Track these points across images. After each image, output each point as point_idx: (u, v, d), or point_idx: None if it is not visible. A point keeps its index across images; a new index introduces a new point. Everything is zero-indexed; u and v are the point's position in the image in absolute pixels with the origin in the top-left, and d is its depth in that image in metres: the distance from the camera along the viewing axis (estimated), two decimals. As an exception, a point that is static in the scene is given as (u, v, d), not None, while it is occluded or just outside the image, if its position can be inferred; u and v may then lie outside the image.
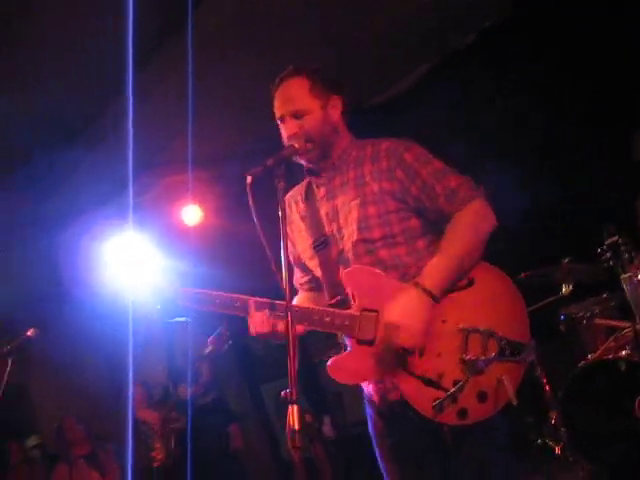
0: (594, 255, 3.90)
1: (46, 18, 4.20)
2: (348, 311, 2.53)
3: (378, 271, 2.52)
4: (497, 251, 2.56)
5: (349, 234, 2.60)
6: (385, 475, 2.68)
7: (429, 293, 2.40)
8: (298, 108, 2.60)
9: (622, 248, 3.67)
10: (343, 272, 2.57)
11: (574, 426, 4.44)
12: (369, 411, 2.71)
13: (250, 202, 2.38)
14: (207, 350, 5.08)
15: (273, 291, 2.61)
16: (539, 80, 5.48)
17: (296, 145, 2.56)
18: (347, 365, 2.51)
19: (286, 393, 2.14)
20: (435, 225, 2.58)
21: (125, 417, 5.12)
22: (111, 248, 5.42)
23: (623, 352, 4.30)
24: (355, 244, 2.57)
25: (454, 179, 2.54)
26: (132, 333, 5.24)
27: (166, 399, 5.24)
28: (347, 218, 2.61)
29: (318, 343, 6.75)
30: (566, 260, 4.67)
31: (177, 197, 6.55)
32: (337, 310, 2.56)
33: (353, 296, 2.54)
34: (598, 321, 4.79)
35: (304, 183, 2.83)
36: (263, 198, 2.42)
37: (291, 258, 2.86)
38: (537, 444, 4.95)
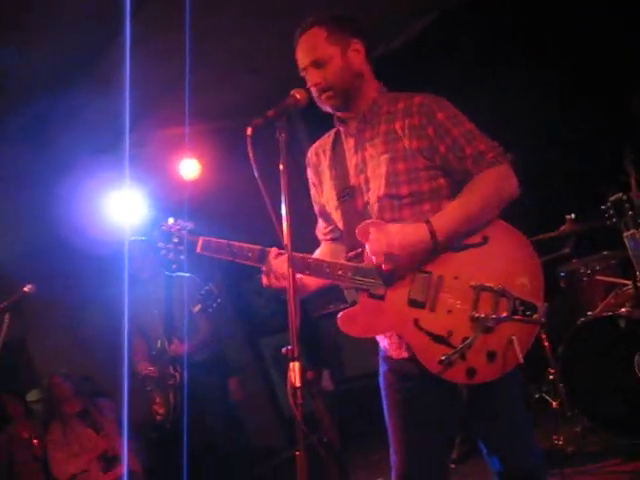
0: (598, 212, 3.85)
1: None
2: (360, 265, 2.52)
3: (389, 224, 2.49)
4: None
5: (375, 187, 2.57)
6: (390, 431, 2.69)
7: (432, 231, 2.40)
8: (317, 57, 2.57)
9: (626, 205, 3.63)
10: (358, 227, 2.52)
11: (573, 382, 4.46)
12: (382, 368, 2.73)
13: (250, 154, 2.32)
14: (196, 309, 5.08)
15: (273, 246, 2.63)
16: (548, 31, 5.38)
17: (297, 96, 2.50)
18: (358, 319, 2.51)
19: (287, 350, 2.12)
20: (460, 186, 2.53)
21: (124, 371, 5.13)
22: (110, 199, 5.41)
23: (623, 309, 4.29)
24: (381, 198, 2.55)
25: (484, 142, 2.51)
26: (129, 285, 5.24)
27: (162, 354, 5.24)
28: (375, 171, 2.57)
29: (317, 298, 6.76)
30: (570, 217, 4.64)
31: (175, 150, 6.47)
32: (349, 263, 2.55)
33: (366, 250, 2.51)
34: (598, 278, 4.79)
35: (332, 132, 2.80)
36: (265, 150, 2.38)
37: (316, 208, 2.88)
38: (535, 399, 4.98)
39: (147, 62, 4.85)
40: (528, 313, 2.41)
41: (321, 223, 2.91)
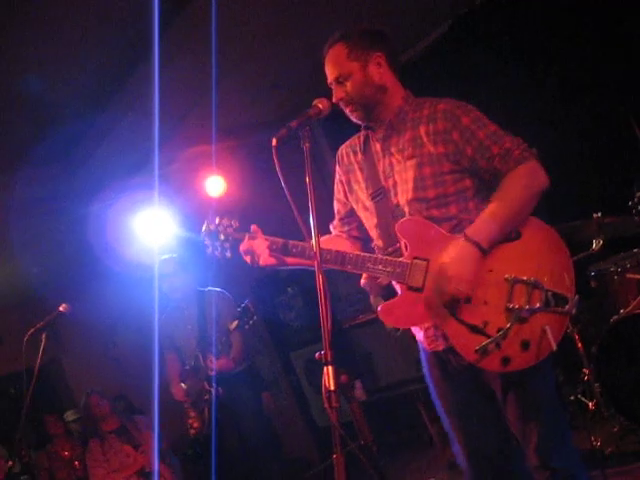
0: (625, 209, 3.81)
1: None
2: (399, 259, 2.63)
3: (429, 222, 2.62)
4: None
5: (404, 191, 2.68)
6: (444, 418, 2.80)
7: (478, 245, 2.50)
8: (339, 74, 2.70)
9: (653, 201, 3.60)
10: (397, 223, 2.65)
11: (608, 381, 4.42)
12: (423, 356, 2.83)
13: (276, 165, 2.41)
14: (232, 326, 5.14)
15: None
16: (555, 39, 5.37)
17: (320, 106, 2.60)
18: (397, 310, 2.63)
19: (320, 354, 2.15)
20: (487, 185, 2.65)
21: (158, 387, 5.19)
22: (140, 219, 5.48)
23: (656, 306, 4.26)
24: (410, 202, 2.66)
25: (509, 140, 2.60)
26: (159, 303, 5.31)
27: (196, 370, 5.29)
28: (402, 176, 2.69)
29: (347, 309, 6.78)
30: (597, 215, 4.61)
31: (201, 167, 6.54)
32: (389, 258, 2.66)
33: (405, 245, 2.64)
34: (629, 276, 4.73)
35: (361, 135, 2.88)
36: (287, 163, 2.43)
37: (337, 205, 3.00)
38: (570, 400, 4.94)
39: (174, 82, 4.91)
40: (560, 304, 2.48)
41: (336, 221, 3.02)
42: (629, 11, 5.09)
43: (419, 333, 2.77)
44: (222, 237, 2.94)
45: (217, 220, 2.98)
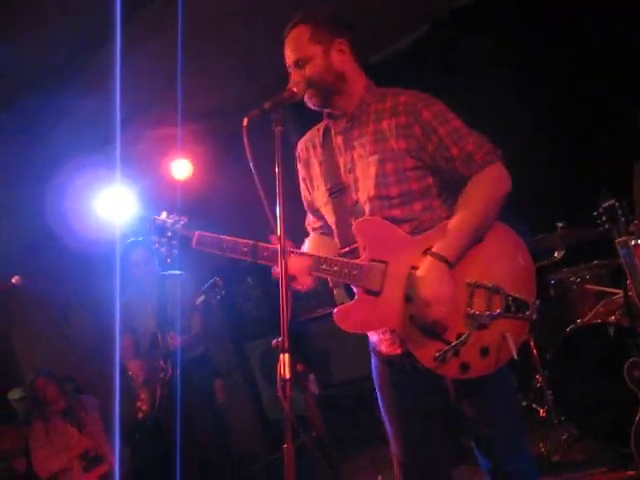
0: (590, 219, 3.81)
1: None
2: (356, 261, 2.52)
3: (389, 223, 2.51)
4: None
5: (365, 188, 2.56)
6: (388, 425, 2.71)
7: (447, 262, 2.40)
8: (299, 57, 2.58)
9: (618, 212, 3.59)
10: (355, 222, 2.55)
11: (560, 390, 4.45)
12: (374, 361, 2.73)
13: (246, 145, 2.30)
14: (199, 300, 5.08)
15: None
16: (541, 43, 5.38)
17: (295, 89, 2.51)
18: (353, 314, 2.51)
19: (277, 342, 2.10)
20: (450, 184, 2.54)
21: (110, 368, 5.10)
22: (101, 197, 5.39)
23: (612, 317, 4.29)
24: (371, 199, 2.55)
25: (472, 141, 2.50)
26: (124, 285, 5.23)
27: (154, 348, 5.20)
28: (364, 172, 2.57)
29: (304, 302, 6.73)
30: (560, 224, 4.64)
31: (167, 150, 6.45)
32: (345, 259, 2.55)
33: (363, 246, 2.53)
34: (588, 287, 4.79)
35: (322, 126, 2.77)
36: (260, 144, 2.37)
37: (305, 202, 2.88)
38: (522, 406, 4.97)
39: (139, 61, 4.82)
40: (520, 310, 2.42)
41: (311, 217, 2.91)
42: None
43: (374, 336, 2.67)
44: (169, 234, 2.83)
45: (164, 215, 2.87)
